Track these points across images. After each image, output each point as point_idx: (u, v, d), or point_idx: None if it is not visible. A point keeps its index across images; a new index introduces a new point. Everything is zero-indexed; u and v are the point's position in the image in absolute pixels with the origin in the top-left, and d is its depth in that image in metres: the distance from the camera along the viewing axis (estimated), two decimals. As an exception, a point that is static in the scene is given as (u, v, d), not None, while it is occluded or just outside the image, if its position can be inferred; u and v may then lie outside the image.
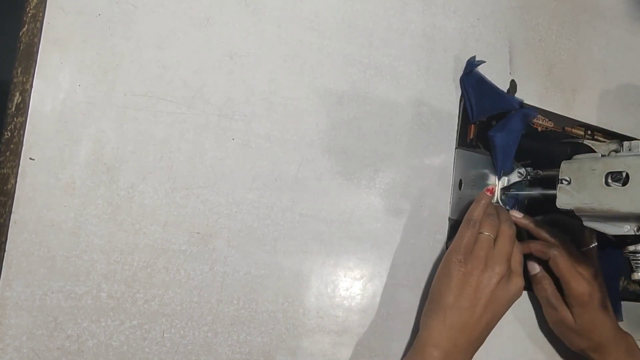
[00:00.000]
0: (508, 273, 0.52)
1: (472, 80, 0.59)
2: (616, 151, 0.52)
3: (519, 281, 0.53)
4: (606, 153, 0.52)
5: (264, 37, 0.51)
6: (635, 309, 0.70)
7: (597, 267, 0.59)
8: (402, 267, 0.56)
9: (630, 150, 0.51)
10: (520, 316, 0.63)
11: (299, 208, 0.51)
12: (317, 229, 0.52)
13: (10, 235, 0.42)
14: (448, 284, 0.50)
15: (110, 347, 0.44)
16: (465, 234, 0.52)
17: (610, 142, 0.52)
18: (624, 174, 0.49)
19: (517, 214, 0.59)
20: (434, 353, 0.48)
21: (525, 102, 0.63)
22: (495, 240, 0.53)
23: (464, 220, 0.54)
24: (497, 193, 0.61)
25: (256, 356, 0.49)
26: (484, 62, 0.59)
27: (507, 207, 0.61)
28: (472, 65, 0.58)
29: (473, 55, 0.59)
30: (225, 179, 0.49)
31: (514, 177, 0.60)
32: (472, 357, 0.51)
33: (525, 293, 0.63)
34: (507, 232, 0.53)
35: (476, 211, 0.54)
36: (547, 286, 0.59)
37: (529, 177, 0.59)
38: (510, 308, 0.61)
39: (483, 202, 0.54)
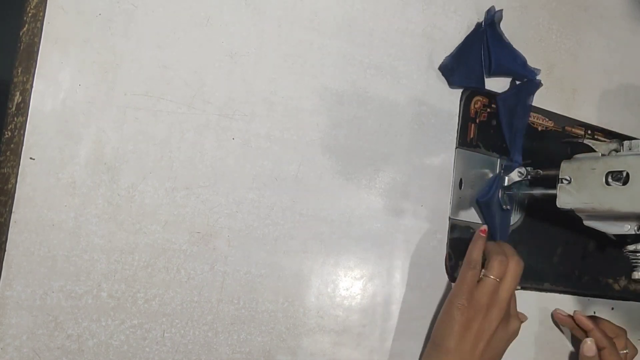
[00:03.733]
0: (507, 315, 0.53)
1: (494, 33, 0.59)
2: (616, 150, 0.52)
3: (516, 323, 0.54)
4: (606, 152, 0.52)
5: (264, 37, 0.51)
6: (635, 309, 0.70)
7: None
8: (402, 267, 0.56)
9: (630, 149, 0.51)
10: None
11: (299, 208, 0.51)
12: (317, 228, 0.52)
13: (10, 235, 0.42)
14: (450, 329, 0.51)
15: (111, 347, 0.44)
16: (466, 276, 0.52)
17: (610, 142, 0.52)
18: (624, 174, 0.49)
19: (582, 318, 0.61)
20: None
21: (521, 161, 0.62)
22: (501, 279, 0.52)
23: (464, 262, 0.54)
24: (499, 193, 0.60)
25: (256, 355, 0.49)
26: (502, 10, 0.59)
27: (508, 207, 0.61)
28: (491, 16, 0.59)
29: (491, 5, 0.60)
30: (226, 178, 0.49)
31: (514, 177, 0.60)
32: None
33: (526, 293, 0.63)
34: (515, 270, 0.52)
35: (474, 252, 0.53)
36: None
37: (529, 176, 0.59)
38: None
39: (479, 242, 0.54)
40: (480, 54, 0.59)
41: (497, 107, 0.61)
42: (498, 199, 0.60)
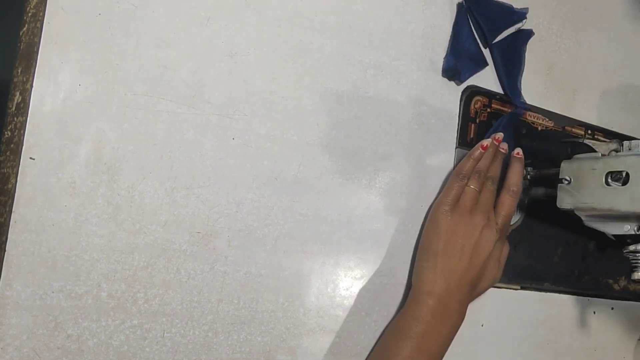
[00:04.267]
0: (488, 224, 0.53)
1: (476, 3, 0.59)
2: (616, 151, 0.52)
3: (493, 234, 0.53)
4: (606, 153, 0.52)
5: (264, 37, 0.51)
6: (635, 309, 0.70)
7: None
8: (402, 267, 0.56)
9: (630, 149, 0.51)
10: (520, 316, 0.63)
11: (299, 208, 0.51)
12: (317, 228, 0.52)
13: (10, 235, 0.42)
14: (437, 233, 0.52)
15: (111, 347, 0.44)
16: (453, 186, 0.54)
17: (610, 142, 0.52)
18: (624, 174, 0.49)
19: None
20: (429, 301, 0.50)
21: (525, 102, 0.63)
22: (495, 208, 0.54)
23: (453, 173, 0.55)
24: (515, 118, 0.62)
25: (256, 355, 0.49)
26: None
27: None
28: None
29: None
30: (226, 178, 0.49)
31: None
32: (465, 303, 0.52)
33: (526, 293, 0.63)
34: (489, 187, 0.54)
35: (466, 165, 0.55)
36: None
37: (529, 177, 0.59)
38: (509, 308, 0.61)
39: (474, 155, 0.55)
40: (472, 34, 0.59)
41: (492, 55, 0.61)
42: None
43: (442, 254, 0.51)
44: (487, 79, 0.61)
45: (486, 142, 0.55)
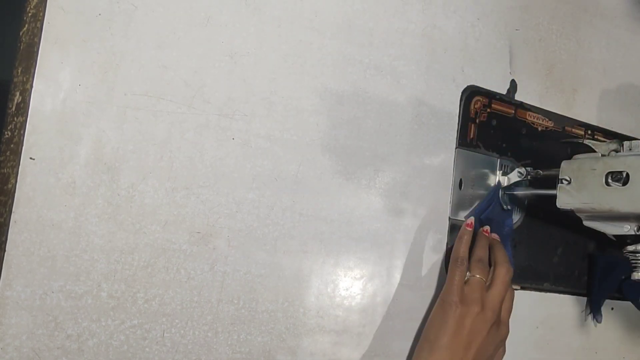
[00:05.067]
0: (498, 320, 0.52)
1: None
2: (616, 151, 0.52)
3: (505, 330, 0.53)
4: (606, 153, 0.52)
5: (264, 37, 0.51)
6: (635, 309, 0.70)
7: None
8: (402, 267, 0.56)
9: (630, 150, 0.51)
10: (520, 316, 0.63)
11: (299, 208, 0.51)
12: (317, 228, 0.52)
13: (10, 235, 0.42)
14: (443, 325, 0.50)
15: (111, 347, 0.44)
16: (455, 274, 0.52)
17: (610, 142, 0.52)
18: (624, 174, 0.49)
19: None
20: None
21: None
22: (490, 284, 0.53)
23: (451, 260, 0.54)
24: (499, 193, 0.61)
25: (256, 356, 0.49)
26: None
27: (508, 207, 0.61)
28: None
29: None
30: (225, 178, 0.49)
31: (514, 177, 0.60)
32: None
33: (525, 293, 0.63)
34: (504, 277, 0.53)
35: (461, 249, 0.54)
36: None
37: (529, 176, 0.59)
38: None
39: (465, 237, 0.54)
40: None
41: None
42: (499, 203, 0.60)
43: (446, 349, 0.49)
44: (487, 79, 0.61)
45: (470, 220, 0.55)
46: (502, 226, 0.59)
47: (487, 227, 0.57)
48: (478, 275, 0.52)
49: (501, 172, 0.61)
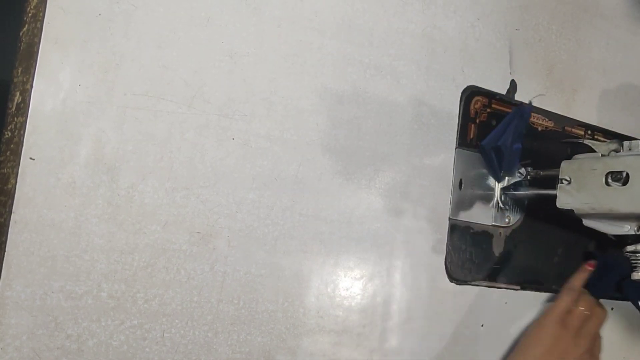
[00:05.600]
0: (589, 350, 0.55)
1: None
2: (616, 151, 0.52)
3: None
4: (606, 153, 0.52)
5: (264, 37, 0.51)
6: (635, 309, 0.70)
7: None
8: (402, 268, 0.56)
9: (630, 150, 0.51)
10: (520, 316, 0.63)
11: (299, 208, 0.51)
12: (317, 228, 0.52)
13: (10, 235, 0.42)
14: (540, 340, 0.54)
15: (111, 347, 0.44)
16: (563, 300, 0.56)
17: (610, 142, 0.52)
18: (624, 174, 0.49)
19: None
20: None
21: (525, 102, 0.63)
22: (590, 318, 0.56)
23: (565, 288, 0.58)
24: (497, 193, 0.61)
25: (256, 356, 0.49)
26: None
27: (507, 207, 0.61)
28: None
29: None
30: (225, 178, 0.49)
31: (515, 177, 0.60)
32: None
33: (526, 293, 0.63)
34: (601, 315, 0.57)
35: (577, 281, 0.57)
36: None
37: (529, 177, 0.59)
38: (509, 309, 0.61)
39: (583, 274, 0.58)
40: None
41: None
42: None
43: (540, 359, 0.53)
44: (487, 79, 0.61)
45: (592, 262, 0.59)
46: None
47: (592, 263, 0.59)
48: (583, 309, 0.55)
49: (502, 172, 0.61)
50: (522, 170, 0.60)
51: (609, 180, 0.50)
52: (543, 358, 0.53)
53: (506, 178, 0.61)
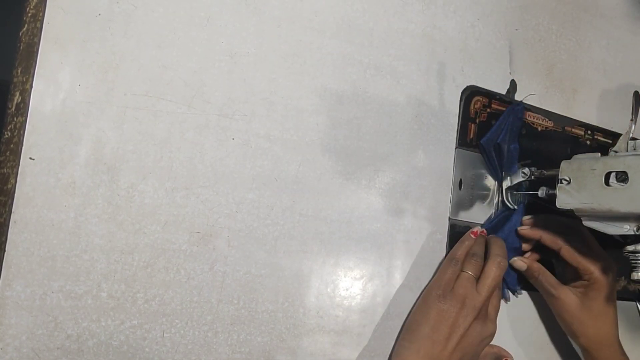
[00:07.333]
0: (483, 316, 0.53)
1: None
2: (616, 151, 0.52)
3: (491, 327, 0.53)
4: (621, 148, 0.52)
5: (264, 37, 0.51)
6: (635, 308, 0.70)
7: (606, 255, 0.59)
8: (402, 267, 0.56)
9: (635, 149, 0.51)
10: (520, 316, 0.63)
11: (299, 208, 0.51)
12: (317, 228, 0.52)
13: (10, 235, 0.42)
14: (426, 316, 0.51)
15: (111, 347, 0.44)
16: (446, 271, 0.53)
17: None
18: (624, 174, 0.49)
19: (524, 229, 0.59)
20: None
21: (525, 102, 0.63)
22: (478, 279, 0.53)
23: (446, 258, 0.55)
24: (503, 193, 0.61)
25: (256, 356, 0.49)
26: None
27: (514, 206, 0.61)
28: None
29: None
30: (225, 178, 0.49)
31: (518, 177, 0.60)
32: None
33: (525, 293, 0.63)
34: (492, 273, 0.53)
35: (459, 251, 0.55)
36: (540, 275, 0.59)
37: (532, 177, 0.59)
38: (509, 309, 0.61)
39: (466, 242, 0.55)
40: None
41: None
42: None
43: (427, 338, 0.50)
44: (487, 79, 0.61)
45: (476, 229, 0.56)
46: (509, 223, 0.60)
47: (484, 229, 0.58)
48: (470, 272, 0.53)
49: (502, 172, 0.61)
50: (526, 170, 0.60)
51: (609, 180, 0.50)
52: (432, 336, 0.50)
53: (509, 178, 0.61)
